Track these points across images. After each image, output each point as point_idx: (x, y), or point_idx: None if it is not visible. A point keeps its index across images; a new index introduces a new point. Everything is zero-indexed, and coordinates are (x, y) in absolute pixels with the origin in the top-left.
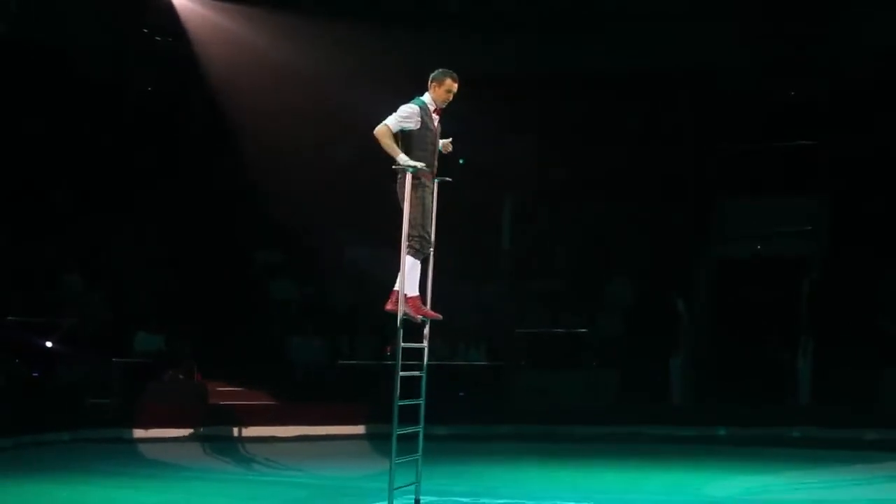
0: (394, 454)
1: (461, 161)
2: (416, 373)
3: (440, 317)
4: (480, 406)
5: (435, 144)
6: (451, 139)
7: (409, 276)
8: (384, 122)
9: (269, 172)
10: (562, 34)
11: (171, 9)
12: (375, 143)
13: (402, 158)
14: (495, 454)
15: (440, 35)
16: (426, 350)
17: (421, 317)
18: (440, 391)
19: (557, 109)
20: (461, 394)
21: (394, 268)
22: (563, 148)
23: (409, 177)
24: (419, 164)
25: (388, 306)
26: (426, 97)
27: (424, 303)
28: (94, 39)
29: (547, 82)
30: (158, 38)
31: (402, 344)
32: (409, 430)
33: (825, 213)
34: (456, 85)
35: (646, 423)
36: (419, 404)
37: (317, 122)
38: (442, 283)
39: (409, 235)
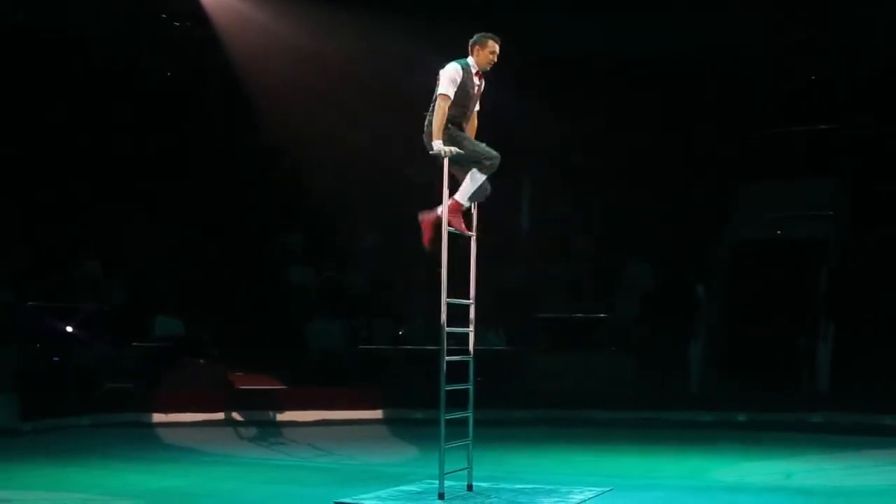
0: (442, 438)
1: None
2: (464, 357)
3: (471, 233)
4: (499, 391)
5: (472, 105)
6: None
7: (470, 187)
8: (440, 90)
9: (288, 157)
10: (583, 19)
11: None
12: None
13: (437, 144)
14: (514, 439)
15: (462, 19)
16: (472, 334)
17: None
18: (459, 376)
19: (578, 93)
20: (479, 378)
21: (410, 252)
22: (584, 132)
23: (446, 163)
24: (454, 150)
25: (448, 216)
26: (469, 60)
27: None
28: (111, 25)
29: (567, 67)
30: (177, 24)
31: (448, 329)
32: (458, 415)
33: (845, 196)
34: (498, 46)
35: (664, 408)
36: (468, 389)
37: (336, 107)
38: (462, 269)
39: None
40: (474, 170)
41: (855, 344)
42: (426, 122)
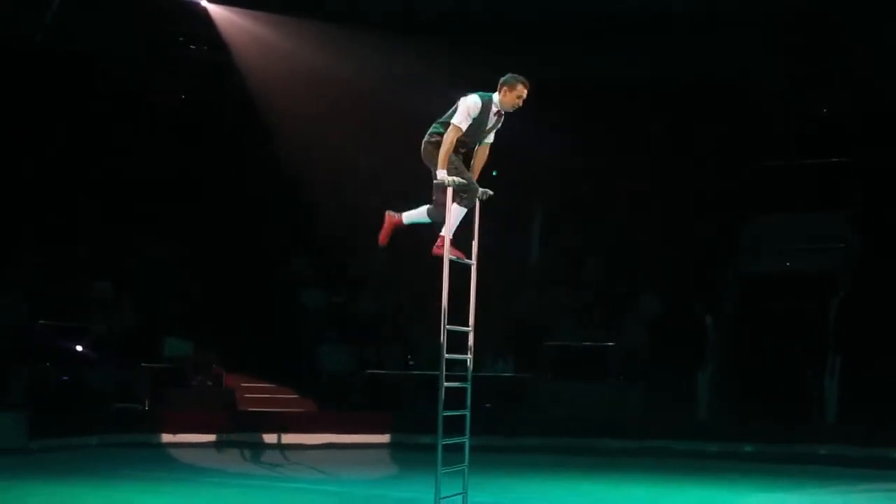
0: (439, 464)
1: (494, 173)
2: (461, 384)
3: (470, 261)
4: (506, 418)
5: (479, 139)
6: (491, 193)
7: (453, 221)
8: (454, 120)
9: (301, 180)
10: (593, 44)
11: (207, 17)
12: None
13: (441, 174)
14: (521, 466)
15: (472, 44)
16: (470, 361)
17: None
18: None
19: (587, 121)
20: (487, 405)
21: (422, 277)
22: (593, 160)
23: (450, 191)
24: (457, 180)
25: (435, 250)
26: (495, 97)
27: (469, 256)
28: (127, 48)
29: (575, 93)
30: (193, 47)
31: (447, 355)
32: (455, 440)
33: (855, 228)
34: (526, 91)
35: (671, 438)
36: (464, 415)
37: (349, 131)
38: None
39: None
40: (453, 204)
41: (863, 376)
42: (426, 140)
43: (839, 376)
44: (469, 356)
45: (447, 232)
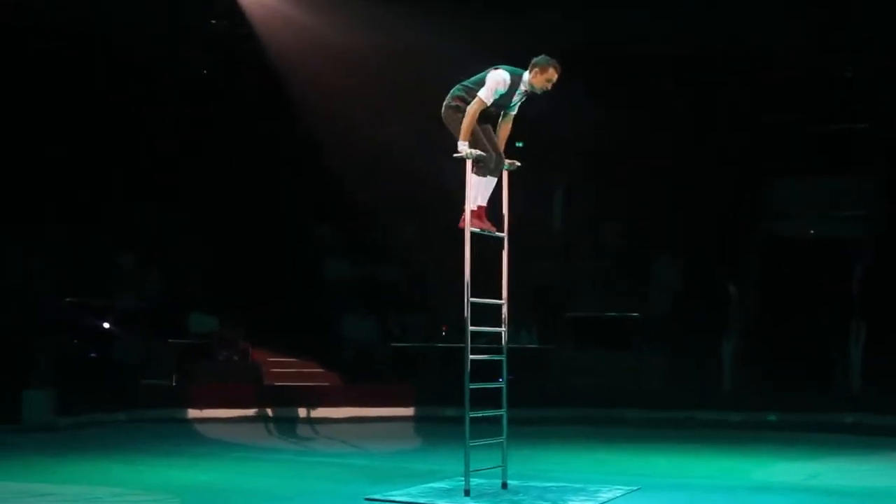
0: (467, 436)
1: (519, 144)
2: (494, 357)
3: (501, 233)
4: (530, 389)
5: (501, 111)
6: (519, 164)
7: (474, 191)
8: (480, 93)
9: (324, 151)
10: (614, 11)
11: None
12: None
13: (462, 146)
14: (545, 437)
15: (494, 13)
16: (505, 333)
17: (487, 230)
18: (492, 374)
19: (608, 88)
20: (511, 377)
21: (444, 247)
22: (616, 128)
23: (469, 164)
24: (476, 152)
25: (461, 224)
26: (526, 75)
27: (500, 227)
28: (148, 23)
29: (596, 60)
30: (213, 21)
31: (474, 328)
32: (489, 413)
33: (879, 195)
34: (557, 75)
35: (695, 408)
36: (500, 388)
37: (372, 102)
38: (492, 267)
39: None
40: (471, 175)
41: (888, 344)
42: (446, 103)
43: (864, 344)
44: (504, 328)
45: (469, 204)
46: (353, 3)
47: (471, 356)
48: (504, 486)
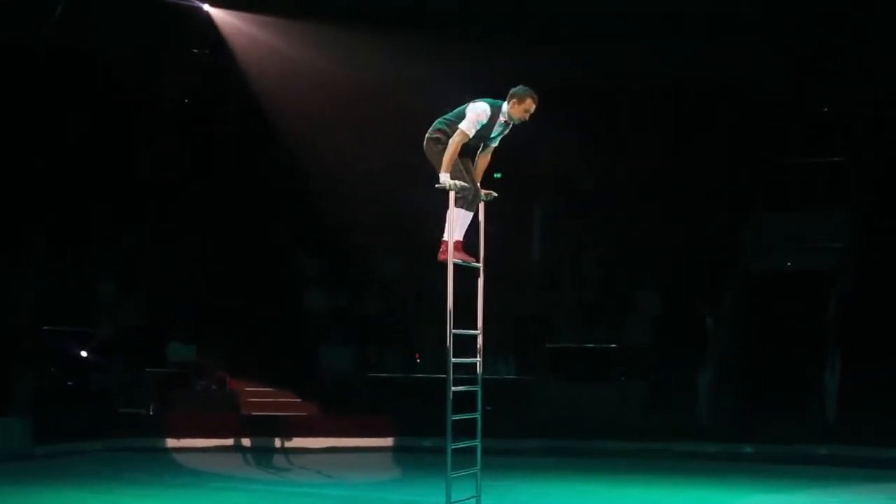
0: (449, 467)
1: (496, 175)
2: (471, 387)
3: (478, 264)
4: (509, 420)
5: (481, 144)
6: (496, 194)
7: (456, 224)
8: (462, 126)
9: (305, 182)
10: (598, 43)
11: (209, 21)
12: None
13: (444, 178)
14: (523, 468)
15: (475, 44)
16: (480, 363)
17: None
18: (469, 405)
19: (589, 118)
20: (488, 407)
21: (424, 278)
22: (596, 158)
23: (452, 195)
24: (458, 183)
25: (441, 256)
26: (504, 106)
27: (476, 258)
28: (132, 51)
29: (579, 90)
30: (196, 50)
31: (454, 359)
32: (466, 444)
33: (856, 227)
34: (535, 106)
35: (672, 439)
36: (475, 418)
37: (353, 132)
38: (471, 295)
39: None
40: (454, 207)
41: (863, 376)
42: (428, 136)
43: (840, 376)
44: (479, 359)
45: (449, 236)
46: (336, 32)
47: (454, 388)
48: None
